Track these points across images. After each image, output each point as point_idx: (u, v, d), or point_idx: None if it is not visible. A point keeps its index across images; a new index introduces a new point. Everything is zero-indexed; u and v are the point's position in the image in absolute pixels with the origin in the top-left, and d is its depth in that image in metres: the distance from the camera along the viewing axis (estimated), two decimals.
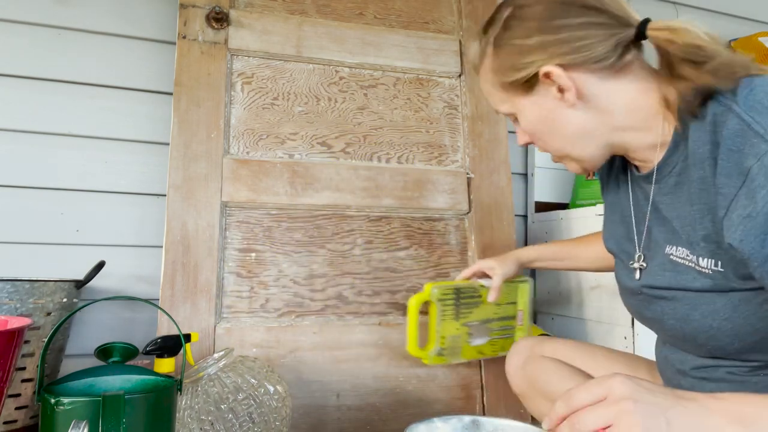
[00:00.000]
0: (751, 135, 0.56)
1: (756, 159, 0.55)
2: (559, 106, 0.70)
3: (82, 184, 1.40)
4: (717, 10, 2.11)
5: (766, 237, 0.54)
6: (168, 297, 1.24)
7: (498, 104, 0.77)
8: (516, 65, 0.70)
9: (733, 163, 0.57)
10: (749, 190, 0.55)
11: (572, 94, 0.67)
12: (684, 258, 0.67)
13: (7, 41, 1.37)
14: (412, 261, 1.43)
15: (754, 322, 0.63)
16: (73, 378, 0.78)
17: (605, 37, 0.65)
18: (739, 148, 0.57)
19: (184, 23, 1.37)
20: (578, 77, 0.67)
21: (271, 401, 1.01)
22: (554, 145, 0.74)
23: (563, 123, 0.71)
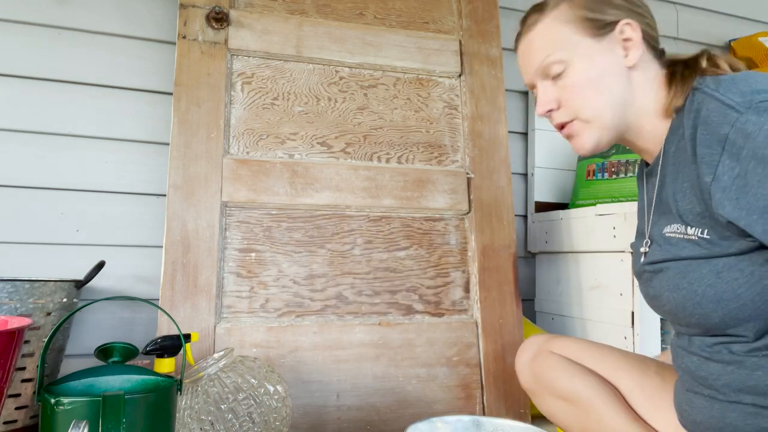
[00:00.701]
0: (724, 108, 0.64)
1: (730, 126, 0.63)
2: (619, 64, 0.77)
3: (82, 184, 1.40)
4: (717, 10, 2.11)
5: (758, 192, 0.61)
6: (168, 297, 1.24)
7: (555, 48, 0.79)
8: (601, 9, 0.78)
9: (711, 134, 0.65)
10: (731, 154, 0.63)
11: (637, 53, 0.77)
12: (675, 232, 0.73)
13: (7, 41, 1.37)
14: (412, 261, 1.43)
15: (735, 287, 0.67)
16: (73, 378, 0.78)
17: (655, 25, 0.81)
18: (714, 121, 0.65)
19: (184, 23, 1.37)
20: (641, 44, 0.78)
21: (271, 401, 1.01)
22: (594, 101, 0.77)
23: (614, 81, 0.77)
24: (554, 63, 0.79)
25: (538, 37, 0.81)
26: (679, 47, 2.02)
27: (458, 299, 1.45)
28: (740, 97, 0.64)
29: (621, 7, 0.78)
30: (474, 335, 1.42)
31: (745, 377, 0.69)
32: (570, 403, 0.91)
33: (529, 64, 0.83)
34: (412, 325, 1.38)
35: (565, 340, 1.00)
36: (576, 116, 0.79)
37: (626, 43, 0.77)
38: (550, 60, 0.79)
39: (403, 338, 1.37)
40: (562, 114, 0.81)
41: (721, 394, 0.72)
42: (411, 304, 1.41)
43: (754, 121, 0.61)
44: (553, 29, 0.79)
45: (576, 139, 0.81)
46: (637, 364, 0.92)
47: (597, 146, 0.80)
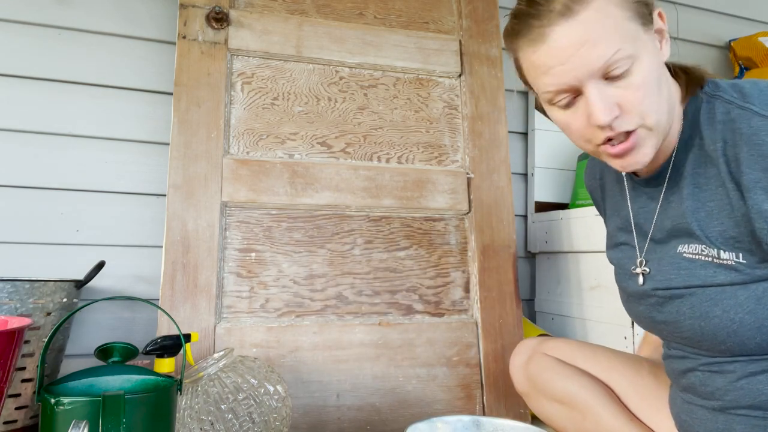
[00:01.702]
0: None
1: None
2: (658, 57, 0.65)
3: (82, 184, 1.40)
4: (717, 10, 2.11)
5: None
6: (168, 297, 1.24)
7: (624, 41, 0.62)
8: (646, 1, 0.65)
9: (760, 155, 0.59)
10: None
11: (668, 47, 0.66)
12: (699, 254, 0.67)
13: (7, 41, 1.37)
14: (412, 261, 1.43)
15: None
16: (73, 378, 0.78)
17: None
18: (764, 141, 0.59)
19: (184, 23, 1.37)
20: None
21: (271, 401, 1.01)
22: (656, 106, 0.64)
23: (665, 80, 0.66)
24: (623, 59, 0.62)
25: (594, 24, 0.62)
26: (679, 47, 2.02)
27: (458, 299, 1.45)
28: None
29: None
30: (474, 335, 1.42)
31: (756, 392, 0.66)
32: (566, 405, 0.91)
33: (580, 62, 0.62)
34: (412, 325, 1.38)
35: (558, 342, 1.00)
36: (642, 123, 0.64)
37: (658, 34, 0.66)
38: (620, 56, 0.62)
39: (403, 338, 1.37)
40: (626, 121, 0.64)
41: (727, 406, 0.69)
42: (411, 304, 1.41)
43: None
44: (612, 14, 0.62)
45: (636, 152, 0.66)
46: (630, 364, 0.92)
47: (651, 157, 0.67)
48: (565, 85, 0.64)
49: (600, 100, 0.63)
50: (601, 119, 0.63)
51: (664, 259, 0.72)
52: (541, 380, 0.95)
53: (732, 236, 0.64)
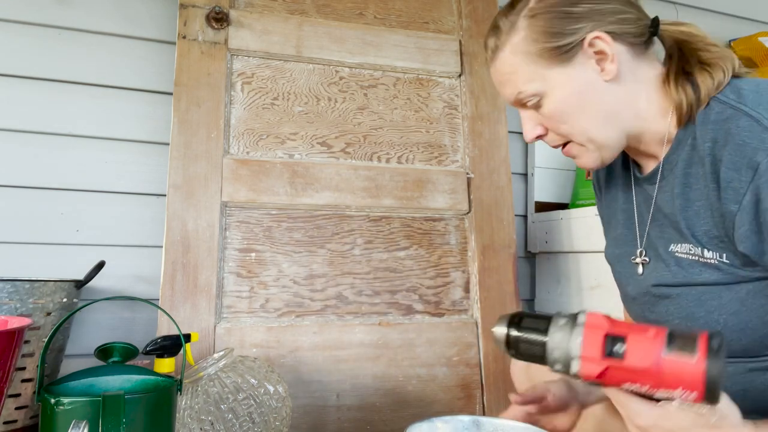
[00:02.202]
0: (760, 130, 0.57)
1: (766, 154, 0.56)
2: (596, 80, 0.69)
3: (82, 184, 1.40)
4: (717, 10, 2.11)
5: None
6: (168, 297, 1.24)
7: (524, 83, 0.71)
8: (563, 31, 0.68)
9: (741, 157, 0.58)
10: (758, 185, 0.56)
11: (614, 65, 0.68)
12: (687, 252, 0.67)
13: (7, 41, 1.37)
14: (412, 261, 1.43)
15: (762, 314, 0.62)
16: (73, 378, 0.78)
17: (638, 18, 0.70)
18: (747, 143, 0.58)
19: (184, 23, 1.37)
20: (619, 50, 0.69)
21: (271, 401, 1.01)
22: (580, 125, 0.70)
23: (596, 99, 0.69)
24: (527, 97, 0.72)
25: (503, 67, 0.73)
26: None
27: (458, 299, 1.45)
28: None
29: (585, 16, 0.68)
30: (474, 335, 1.42)
31: (757, 395, 0.65)
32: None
33: (503, 93, 0.76)
34: (412, 325, 1.38)
35: None
36: (567, 140, 0.73)
37: (600, 56, 0.68)
38: (522, 96, 0.72)
39: (403, 338, 1.37)
40: (552, 138, 0.74)
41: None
42: (411, 304, 1.41)
43: None
44: (515, 62, 0.71)
45: (578, 159, 0.75)
46: None
47: (602, 164, 0.73)
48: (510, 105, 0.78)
49: (525, 122, 0.76)
50: (526, 138, 0.76)
51: (660, 257, 0.72)
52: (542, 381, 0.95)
53: (716, 236, 0.63)
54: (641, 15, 0.71)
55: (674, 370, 0.46)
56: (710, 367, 0.45)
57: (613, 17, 0.68)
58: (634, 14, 0.70)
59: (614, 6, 0.68)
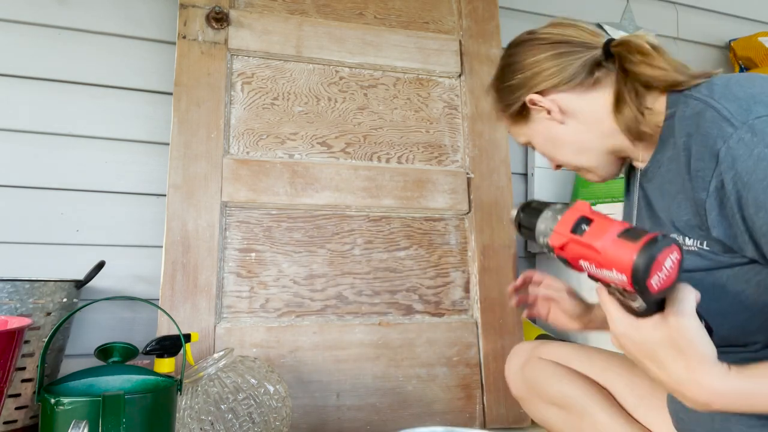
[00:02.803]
0: (720, 120, 0.60)
1: (723, 141, 0.59)
2: (552, 125, 0.81)
3: (82, 184, 1.40)
4: (717, 10, 2.11)
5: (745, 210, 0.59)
6: (168, 297, 1.24)
7: (517, 137, 0.89)
8: (508, 101, 0.84)
9: (705, 147, 0.61)
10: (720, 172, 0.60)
11: (556, 111, 0.79)
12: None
13: (7, 41, 1.37)
14: (412, 261, 1.43)
15: (742, 299, 0.64)
16: (73, 378, 0.78)
17: (571, 61, 0.78)
18: (709, 133, 0.61)
19: (184, 23, 1.37)
20: (557, 97, 0.79)
21: (271, 401, 1.01)
22: (563, 159, 0.83)
23: (561, 138, 0.81)
24: (523, 143, 0.89)
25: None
26: (679, 47, 2.02)
27: (458, 299, 1.45)
28: (737, 106, 0.61)
29: (517, 86, 0.81)
30: (474, 335, 1.42)
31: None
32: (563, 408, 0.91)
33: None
34: (412, 325, 1.38)
35: (553, 345, 1.00)
36: (560, 166, 0.86)
37: (542, 108, 0.80)
38: (520, 142, 0.89)
39: (403, 338, 1.37)
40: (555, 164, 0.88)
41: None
42: (411, 304, 1.41)
43: (747, 141, 0.58)
44: (504, 123, 0.89)
45: (584, 177, 0.86)
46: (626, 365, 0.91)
47: (604, 179, 0.84)
48: None
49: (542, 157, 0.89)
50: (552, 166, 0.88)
51: None
52: (538, 384, 0.95)
53: (695, 225, 0.65)
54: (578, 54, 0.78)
55: (614, 251, 0.52)
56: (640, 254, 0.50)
57: (539, 77, 0.79)
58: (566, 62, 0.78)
59: (539, 68, 0.79)
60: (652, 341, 0.54)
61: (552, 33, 0.80)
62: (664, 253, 0.50)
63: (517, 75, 0.82)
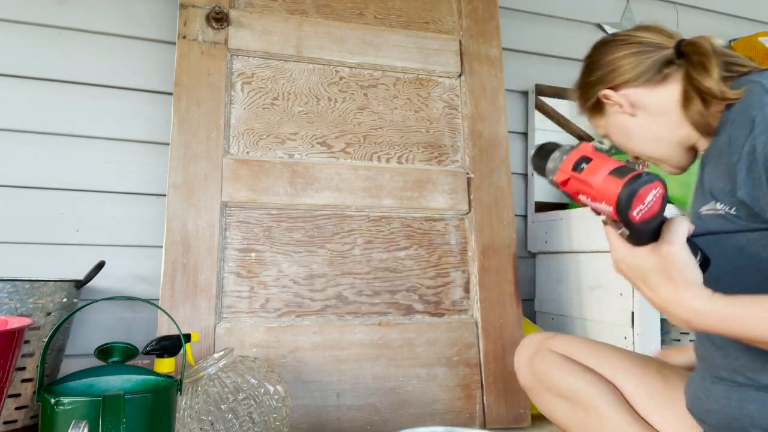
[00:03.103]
0: (761, 91, 0.66)
1: (760, 109, 0.64)
2: (624, 117, 0.87)
3: (82, 184, 1.41)
4: (717, 10, 2.11)
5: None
6: (168, 297, 1.24)
7: (597, 129, 0.95)
8: (585, 96, 0.92)
9: (743, 115, 0.67)
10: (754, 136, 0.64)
11: (627, 105, 0.86)
12: (708, 209, 0.75)
13: (7, 41, 1.37)
14: (412, 261, 1.43)
15: (756, 262, 0.68)
16: (73, 378, 0.78)
17: (641, 60, 0.84)
18: (749, 103, 0.67)
19: (184, 23, 1.37)
20: (628, 92, 0.86)
21: (271, 401, 1.01)
22: (636, 149, 0.88)
23: (633, 130, 0.87)
24: (603, 135, 0.94)
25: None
26: None
27: (458, 299, 1.45)
28: None
29: (595, 83, 0.88)
30: (474, 335, 1.42)
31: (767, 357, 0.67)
32: (570, 402, 0.91)
33: None
34: (412, 325, 1.38)
35: (565, 338, 1.00)
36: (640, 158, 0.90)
37: (616, 103, 0.86)
38: (601, 134, 0.95)
39: (403, 338, 1.37)
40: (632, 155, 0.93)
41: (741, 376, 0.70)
42: (411, 304, 1.41)
43: None
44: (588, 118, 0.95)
45: (659, 167, 0.90)
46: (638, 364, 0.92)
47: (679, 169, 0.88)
48: None
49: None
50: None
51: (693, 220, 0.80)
52: (546, 376, 0.95)
53: (729, 191, 0.70)
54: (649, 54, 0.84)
55: (604, 185, 0.58)
56: (624, 188, 0.56)
57: (613, 74, 0.86)
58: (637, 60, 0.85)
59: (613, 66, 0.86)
60: (645, 266, 0.61)
61: (629, 35, 0.88)
62: (647, 188, 0.56)
63: (595, 72, 0.90)
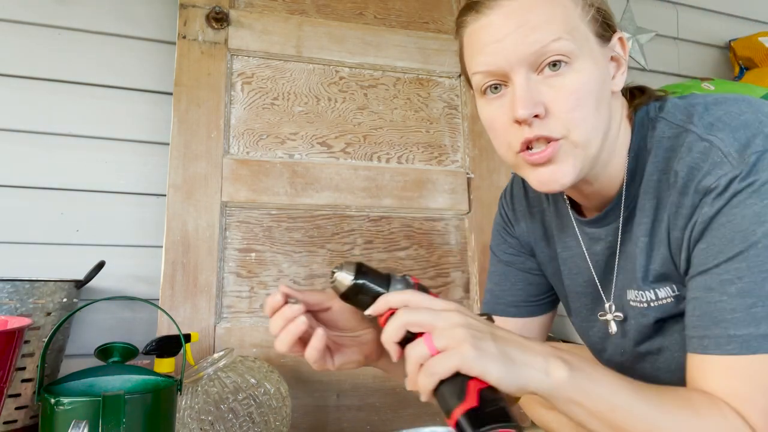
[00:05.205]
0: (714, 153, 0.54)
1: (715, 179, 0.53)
2: (608, 84, 0.61)
3: (82, 184, 1.40)
4: (717, 10, 2.11)
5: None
6: (168, 297, 1.24)
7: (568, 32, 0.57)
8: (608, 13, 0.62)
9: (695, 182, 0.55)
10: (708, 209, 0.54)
11: (622, 78, 0.62)
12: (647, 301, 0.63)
13: (7, 41, 1.37)
14: (412, 261, 1.43)
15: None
16: (73, 378, 0.78)
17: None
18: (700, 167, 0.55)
19: (184, 23, 1.37)
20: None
21: (271, 401, 1.01)
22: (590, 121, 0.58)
23: (606, 102, 0.60)
24: (561, 53, 0.56)
25: (540, 7, 0.57)
26: (679, 47, 2.02)
27: (458, 299, 1.44)
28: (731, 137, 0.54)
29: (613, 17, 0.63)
30: None
31: None
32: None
33: (514, 42, 0.57)
34: None
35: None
36: (567, 134, 0.58)
37: (614, 62, 0.62)
38: (558, 46, 0.56)
39: None
40: (550, 126, 0.57)
41: None
42: None
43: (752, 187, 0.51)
44: (566, 5, 0.58)
45: (554, 168, 0.59)
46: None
47: (574, 182, 0.60)
48: (494, 66, 0.59)
49: (525, 90, 0.57)
50: (519, 111, 0.56)
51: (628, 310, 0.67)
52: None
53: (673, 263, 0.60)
54: None
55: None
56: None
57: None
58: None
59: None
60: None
61: None
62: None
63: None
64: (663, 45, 1.96)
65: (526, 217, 0.80)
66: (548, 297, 0.82)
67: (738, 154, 0.53)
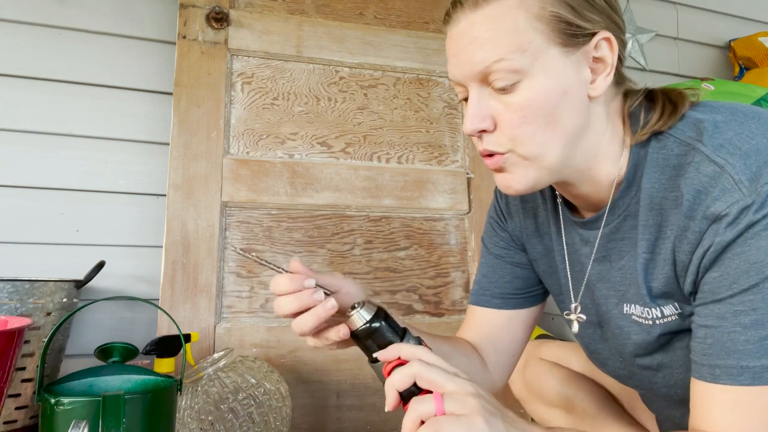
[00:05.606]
0: (724, 179, 0.52)
1: (726, 206, 0.52)
2: (581, 90, 0.58)
3: (82, 184, 1.40)
4: (717, 10, 2.11)
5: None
6: (168, 297, 1.24)
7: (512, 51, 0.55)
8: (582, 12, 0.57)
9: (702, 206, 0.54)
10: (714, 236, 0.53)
11: (606, 82, 0.58)
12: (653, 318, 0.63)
13: (7, 41, 1.37)
14: (412, 261, 1.43)
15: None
16: (73, 378, 0.78)
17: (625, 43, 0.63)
18: (708, 191, 0.53)
19: (184, 23, 1.37)
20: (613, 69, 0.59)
21: (271, 401, 1.01)
22: (540, 137, 0.57)
23: (570, 112, 0.57)
24: (507, 72, 0.56)
25: (490, 23, 0.56)
26: (679, 47, 2.02)
27: (458, 299, 1.44)
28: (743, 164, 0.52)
29: (602, 12, 0.58)
30: None
31: None
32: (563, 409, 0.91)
33: (466, 59, 0.58)
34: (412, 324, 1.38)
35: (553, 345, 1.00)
36: (514, 148, 0.58)
37: (597, 64, 0.58)
38: (502, 67, 0.55)
39: None
40: (495, 140, 0.59)
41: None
42: (411, 304, 1.41)
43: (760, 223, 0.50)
44: (516, 19, 0.55)
45: (506, 176, 0.60)
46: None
47: (531, 189, 0.61)
48: (455, 79, 0.60)
49: (475, 107, 0.58)
50: (467, 126, 0.59)
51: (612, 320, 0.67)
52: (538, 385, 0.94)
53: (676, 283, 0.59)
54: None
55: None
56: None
57: (619, 32, 0.60)
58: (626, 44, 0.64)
59: (622, 21, 0.61)
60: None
61: None
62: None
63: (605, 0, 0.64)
64: (663, 45, 1.96)
65: (519, 213, 0.79)
66: (535, 291, 0.82)
67: (750, 183, 0.51)
